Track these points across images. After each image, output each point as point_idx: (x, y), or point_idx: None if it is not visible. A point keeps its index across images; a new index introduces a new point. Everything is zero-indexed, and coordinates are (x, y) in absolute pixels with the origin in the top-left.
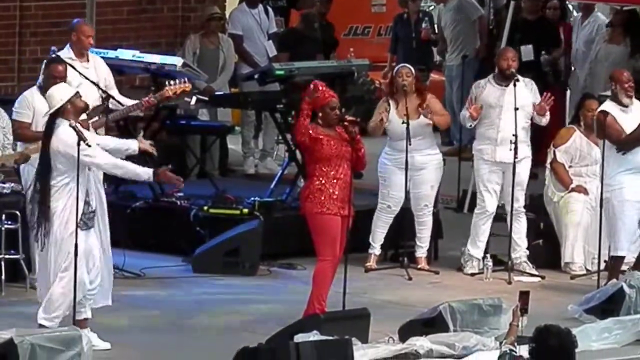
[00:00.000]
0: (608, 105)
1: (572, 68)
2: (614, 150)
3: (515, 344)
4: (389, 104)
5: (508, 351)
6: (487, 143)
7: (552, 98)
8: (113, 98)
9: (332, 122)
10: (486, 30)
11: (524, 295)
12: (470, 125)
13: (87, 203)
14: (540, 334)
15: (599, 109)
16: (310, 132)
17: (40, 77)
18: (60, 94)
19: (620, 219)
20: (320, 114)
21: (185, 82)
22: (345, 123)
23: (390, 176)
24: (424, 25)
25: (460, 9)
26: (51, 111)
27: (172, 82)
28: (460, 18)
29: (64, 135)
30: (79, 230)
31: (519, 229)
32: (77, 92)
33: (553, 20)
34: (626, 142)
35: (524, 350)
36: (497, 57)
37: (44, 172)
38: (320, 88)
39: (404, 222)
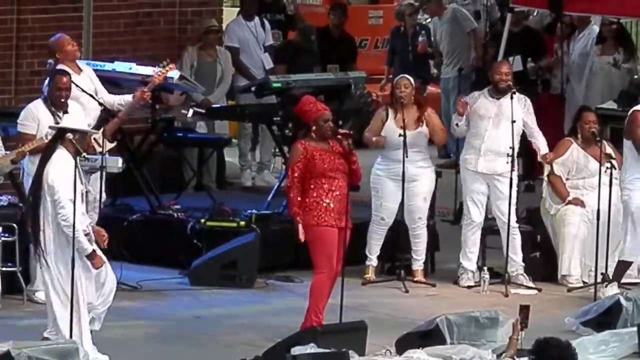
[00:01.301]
0: None
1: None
2: (634, 154)
3: (515, 357)
4: (387, 114)
5: None
6: (472, 153)
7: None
8: (112, 113)
9: (325, 135)
10: (481, 42)
11: (525, 309)
12: (457, 125)
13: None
14: (540, 346)
15: (633, 109)
16: (300, 164)
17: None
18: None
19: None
20: (313, 128)
21: (168, 63)
22: (339, 136)
23: (383, 187)
24: (420, 38)
25: (455, 22)
26: (59, 126)
27: (154, 70)
28: (455, 31)
29: (56, 166)
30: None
31: (512, 243)
32: (89, 133)
33: (538, 30)
34: None
35: None
36: (492, 71)
37: (36, 191)
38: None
39: (400, 235)
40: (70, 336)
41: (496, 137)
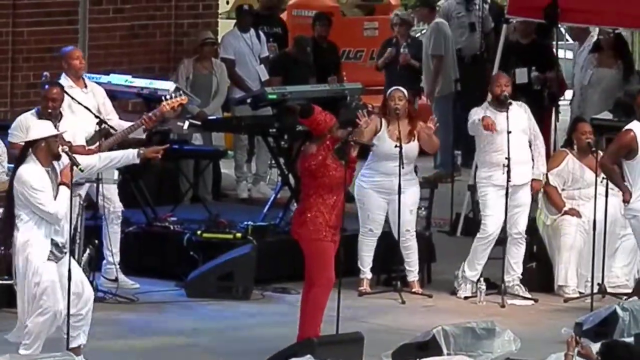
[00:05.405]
0: (635, 124)
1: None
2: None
3: None
4: (380, 123)
5: None
6: (496, 169)
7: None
8: (107, 124)
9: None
10: (439, 71)
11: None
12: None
13: (56, 235)
14: (608, 347)
15: (626, 128)
16: (320, 157)
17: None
18: (40, 129)
19: None
20: (329, 137)
21: (181, 94)
22: (352, 142)
23: (369, 199)
24: (402, 50)
25: (429, 38)
26: (27, 139)
27: (167, 97)
28: (427, 48)
29: (24, 172)
30: (48, 262)
31: (517, 254)
32: (57, 135)
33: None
34: (602, 166)
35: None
36: (491, 84)
37: (10, 200)
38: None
39: (395, 246)
40: (67, 349)
41: (517, 149)
